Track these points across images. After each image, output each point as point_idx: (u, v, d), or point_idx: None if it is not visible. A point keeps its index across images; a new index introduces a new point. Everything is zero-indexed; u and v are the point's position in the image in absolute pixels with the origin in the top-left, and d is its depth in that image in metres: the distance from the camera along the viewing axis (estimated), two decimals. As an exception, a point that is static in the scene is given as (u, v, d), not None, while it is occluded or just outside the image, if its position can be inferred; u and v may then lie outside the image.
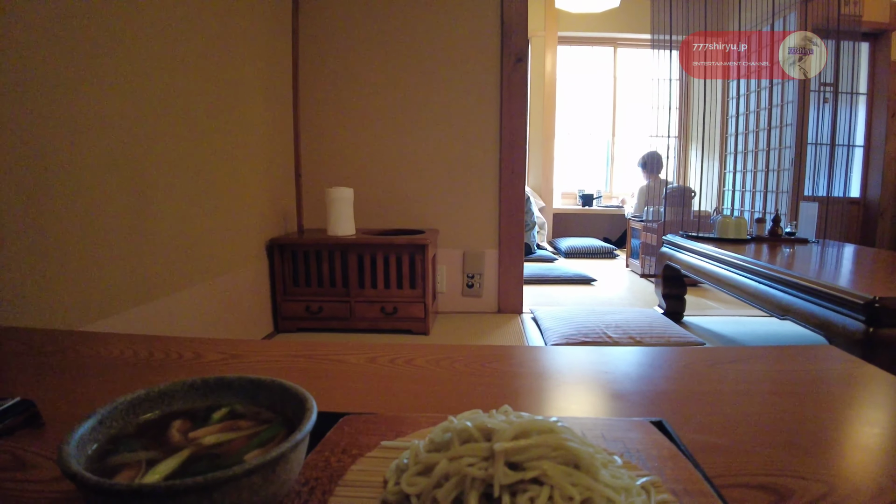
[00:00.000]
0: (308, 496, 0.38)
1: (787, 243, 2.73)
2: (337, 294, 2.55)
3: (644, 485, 0.38)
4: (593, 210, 5.97)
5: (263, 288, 2.49)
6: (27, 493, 0.41)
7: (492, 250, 2.92)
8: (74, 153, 1.29)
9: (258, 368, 0.72)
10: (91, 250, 1.34)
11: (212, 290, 1.96)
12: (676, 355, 0.83)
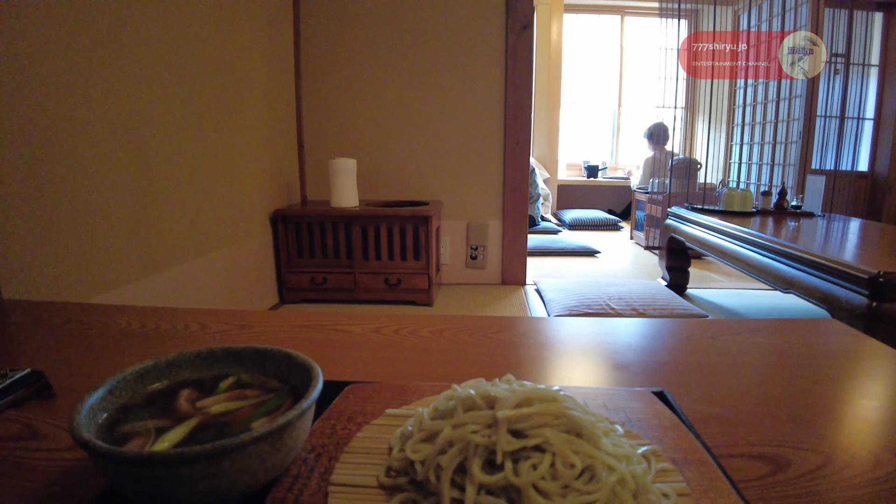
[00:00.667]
0: (314, 463, 0.39)
1: (793, 217, 2.71)
2: (341, 265, 2.56)
3: (645, 453, 0.39)
4: (598, 182, 5.93)
5: (268, 259, 2.50)
6: (40, 462, 0.43)
7: (495, 222, 2.91)
8: (77, 126, 1.28)
9: (264, 339, 0.72)
10: (96, 223, 1.34)
11: (217, 261, 1.97)
12: (679, 327, 0.83)
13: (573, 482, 0.31)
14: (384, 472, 0.37)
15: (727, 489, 0.36)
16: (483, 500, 0.31)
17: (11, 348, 0.69)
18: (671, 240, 2.89)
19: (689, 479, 0.37)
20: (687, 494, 0.35)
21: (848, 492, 0.39)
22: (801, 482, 0.40)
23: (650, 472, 0.37)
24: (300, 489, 0.36)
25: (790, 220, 2.63)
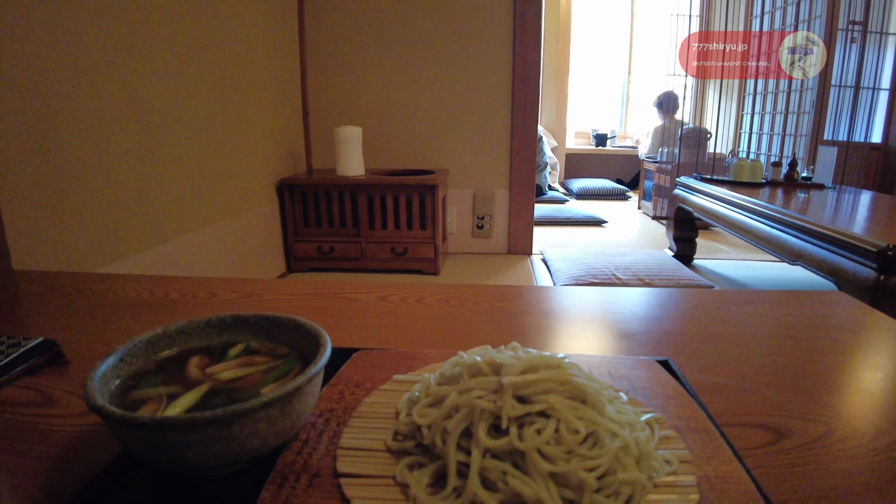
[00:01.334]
0: (323, 427, 0.40)
1: (803, 188, 2.67)
2: (348, 234, 2.56)
3: (648, 421, 0.39)
4: (607, 150, 5.85)
5: (275, 228, 2.50)
6: (56, 427, 0.44)
7: (502, 191, 2.90)
8: (81, 97, 1.27)
9: (272, 306, 0.73)
10: (102, 194, 1.34)
11: (224, 231, 1.97)
12: (685, 297, 0.83)
13: (577, 447, 0.32)
14: (391, 436, 0.38)
15: (729, 456, 0.36)
16: (488, 463, 0.32)
17: (24, 317, 0.70)
18: (679, 210, 2.87)
19: (692, 446, 0.38)
20: (689, 461, 0.36)
21: (848, 461, 0.40)
22: (802, 451, 0.41)
23: (653, 439, 0.37)
24: (309, 452, 0.37)
25: (800, 191, 2.59)
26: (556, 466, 0.31)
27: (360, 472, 0.35)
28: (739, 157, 2.82)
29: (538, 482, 0.30)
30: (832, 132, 3.97)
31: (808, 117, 3.92)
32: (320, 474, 0.35)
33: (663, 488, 0.33)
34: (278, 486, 0.33)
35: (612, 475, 0.32)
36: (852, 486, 0.37)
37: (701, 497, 0.32)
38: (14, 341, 0.54)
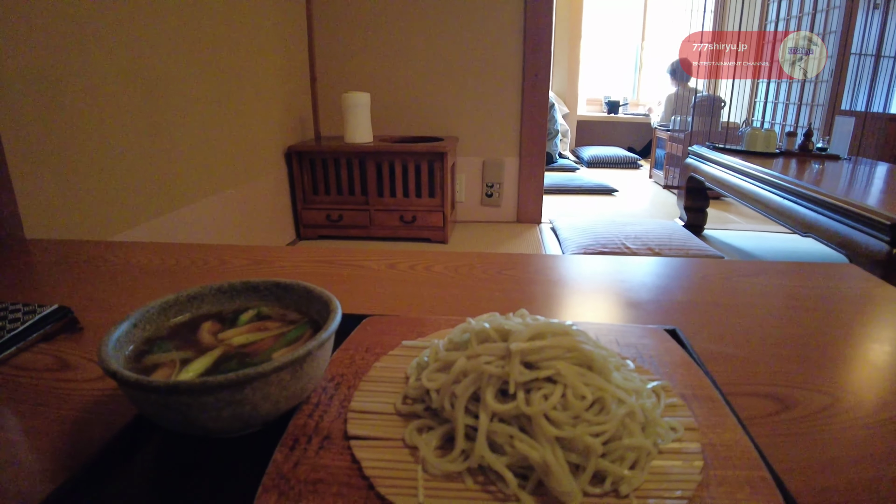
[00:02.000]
0: (334, 391, 0.41)
1: (818, 159, 2.62)
2: (356, 202, 2.56)
3: (654, 388, 0.40)
4: (619, 118, 5.75)
5: (284, 196, 2.50)
6: (73, 392, 0.45)
7: (512, 159, 2.86)
8: (87, 64, 1.26)
9: (282, 273, 0.74)
10: (110, 162, 1.34)
11: (232, 199, 1.98)
12: (694, 267, 0.83)
13: (583, 413, 0.32)
14: (401, 400, 0.39)
15: (734, 425, 0.37)
16: (496, 427, 0.32)
17: (38, 285, 0.71)
18: (691, 179, 2.83)
19: (697, 414, 0.38)
20: (694, 429, 0.36)
21: (852, 432, 0.40)
22: (806, 421, 0.41)
23: (659, 406, 0.38)
24: (321, 415, 0.38)
25: (814, 162, 2.54)
26: (563, 431, 0.31)
27: (370, 435, 0.35)
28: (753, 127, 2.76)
29: (544, 446, 0.31)
30: (850, 102, 3.86)
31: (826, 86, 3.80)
32: (331, 436, 0.35)
33: (668, 454, 0.34)
34: (290, 448, 0.34)
35: (618, 441, 0.32)
36: (855, 456, 0.37)
37: (705, 464, 0.33)
38: (30, 308, 0.55)
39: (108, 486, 0.33)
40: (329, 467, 0.33)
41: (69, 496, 0.31)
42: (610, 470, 0.31)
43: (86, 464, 0.33)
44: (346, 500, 0.30)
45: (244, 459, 0.36)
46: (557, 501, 0.30)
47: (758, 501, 0.30)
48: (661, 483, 0.31)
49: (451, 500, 0.30)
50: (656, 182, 4.41)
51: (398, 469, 0.32)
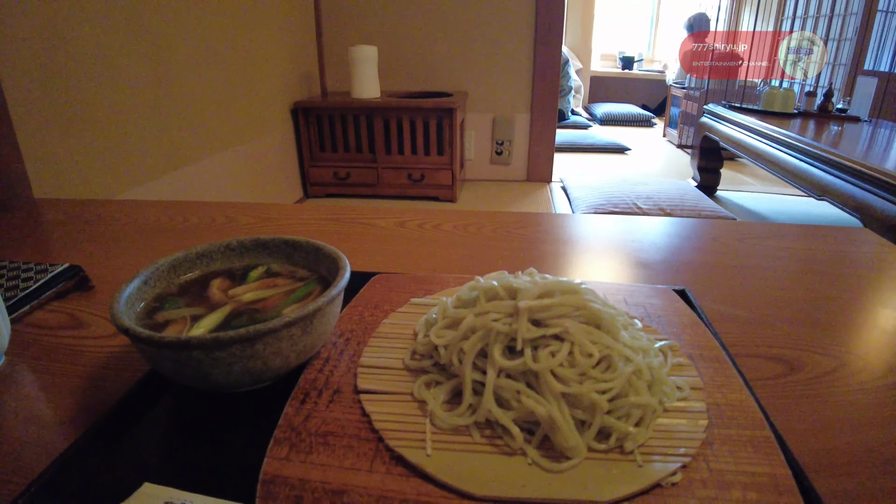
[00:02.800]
0: (344, 346, 0.41)
1: (837, 121, 2.54)
2: (364, 160, 2.54)
3: (662, 348, 0.40)
4: (633, 74, 5.60)
5: (290, 154, 2.48)
6: (87, 349, 0.46)
7: (523, 115, 2.81)
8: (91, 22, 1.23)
9: (290, 231, 0.74)
10: (116, 120, 1.33)
11: (239, 156, 1.96)
12: (705, 228, 0.82)
13: (590, 370, 0.32)
14: (409, 356, 0.39)
15: (739, 386, 0.37)
16: (503, 382, 0.33)
17: (48, 244, 0.72)
18: (705, 139, 2.77)
19: (704, 374, 0.38)
20: (700, 388, 0.36)
21: (856, 395, 0.40)
22: (812, 384, 0.42)
23: (666, 366, 0.38)
24: (331, 370, 0.38)
25: (833, 123, 2.47)
26: (569, 388, 0.31)
27: (379, 389, 0.36)
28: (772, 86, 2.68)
29: (551, 402, 0.31)
30: (874, 62, 3.69)
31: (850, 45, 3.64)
32: (341, 390, 0.36)
33: (673, 413, 0.34)
34: (301, 402, 0.35)
35: (624, 398, 0.32)
36: (859, 418, 0.37)
37: (709, 422, 0.33)
38: (41, 267, 0.56)
39: (125, 439, 0.34)
40: (339, 420, 0.33)
41: (88, 448, 0.32)
42: (615, 426, 0.31)
43: (102, 418, 0.34)
44: (356, 452, 0.31)
45: (256, 413, 0.36)
46: (562, 456, 0.30)
47: (760, 460, 0.30)
48: (666, 441, 0.32)
49: (458, 453, 0.31)
50: (670, 141, 4.33)
51: (407, 422, 0.33)
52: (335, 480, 0.29)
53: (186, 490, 0.29)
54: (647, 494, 0.28)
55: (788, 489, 0.28)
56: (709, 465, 0.30)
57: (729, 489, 0.28)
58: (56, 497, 0.29)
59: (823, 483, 0.31)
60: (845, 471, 0.33)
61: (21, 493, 0.28)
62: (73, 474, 0.30)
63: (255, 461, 0.30)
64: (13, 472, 0.32)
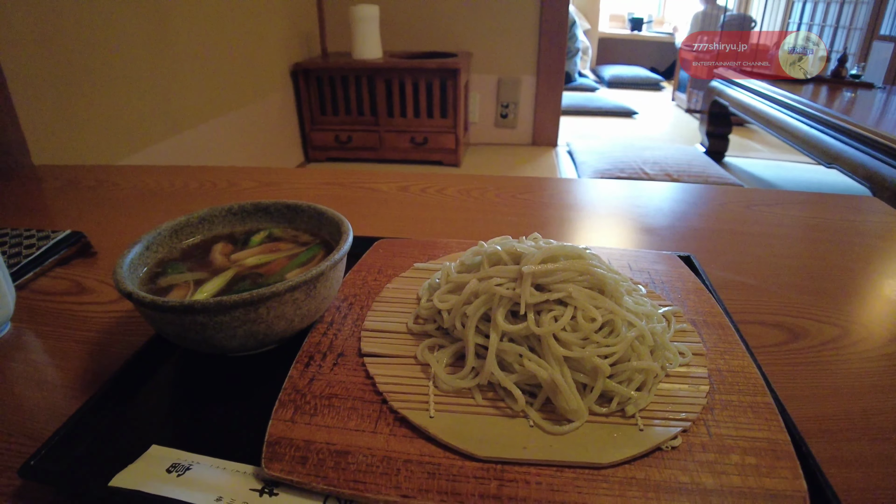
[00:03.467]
0: (347, 310, 0.41)
1: (850, 87, 2.48)
2: (365, 123, 2.50)
3: (665, 313, 0.40)
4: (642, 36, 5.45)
5: (291, 117, 2.45)
6: (92, 314, 0.46)
7: (529, 77, 2.75)
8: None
9: (292, 195, 0.73)
10: (114, 85, 1.30)
11: (239, 120, 1.94)
12: (712, 194, 0.81)
13: (593, 335, 0.32)
14: (413, 320, 0.39)
15: (742, 352, 0.37)
16: (505, 346, 0.33)
17: (49, 211, 0.71)
18: (714, 104, 2.72)
19: (707, 340, 0.38)
20: (702, 354, 0.36)
21: (858, 363, 0.40)
22: (814, 351, 0.42)
23: (669, 331, 0.38)
24: (335, 334, 0.38)
25: (846, 90, 2.41)
26: (571, 352, 0.31)
27: (382, 353, 0.36)
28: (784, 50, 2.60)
29: (553, 366, 0.31)
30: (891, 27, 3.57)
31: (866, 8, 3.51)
32: (345, 354, 0.36)
33: (675, 378, 0.34)
34: (305, 365, 0.35)
35: (626, 363, 0.32)
36: (859, 386, 0.38)
37: (711, 388, 0.33)
38: (43, 234, 0.56)
39: (132, 403, 0.35)
40: (344, 383, 0.34)
41: (95, 412, 0.32)
42: (617, 391, 0.32)
43: (109, 382, 0.34)
44: (360, 414, 0.31)
45: (261, 376, 0.37)
46: (564, 419, 0.31)
47: (759, 426, 0.31)
48: (667, 405, 0.32)
49: (460, 414, 0.31)
50: (678, 105, 4.25)
51: (410, 385, 0.33)
52: (340, 441, 0.29)
53: (193, 452, 0.30)
54: (648, 457, 0.29)
55: (787, 454, 0.29)
56: (709, 430, 0.30)
57: (728, 453, 0.29)
58: (67, 459, 0.30)
59: (821, 449, 0.31)
60: (843, 437, 0.33)
61: (32, 455, 0.28)
62: (83, 437, 0.31)
63: (261, 423, 0.31)
64: (24, 435, 0.33)
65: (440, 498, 0.26)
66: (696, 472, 0.28)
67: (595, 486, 0.27)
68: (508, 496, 0.27)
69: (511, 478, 0.28)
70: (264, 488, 0.28)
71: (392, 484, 0.27)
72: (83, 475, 0.29)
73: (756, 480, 0.27)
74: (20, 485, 0.29)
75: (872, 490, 0.29)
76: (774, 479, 0.27)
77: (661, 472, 0.28)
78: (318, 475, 0.27)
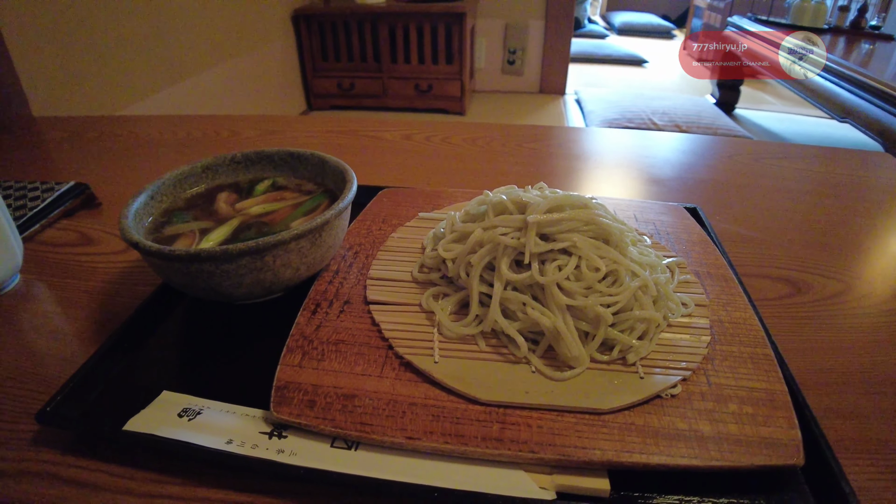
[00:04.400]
0: (353, 259, 0.41)
1: (869, 38, 2.38)
2: (369, 70, 2.44)
3: (669, 264, 0.40)
4: (656, -21, 5.22)
5: (293, 64, 2.38)
6: (99, 264, 0.46)
7: (537, 22, 2.65)
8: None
9: (295, 144, 0.72)
10: (112, 33, 1.27)
11: (240, 68, 1.89)
12: (721, 146, 0.79)
13: (596, 284, 0.33)
14: (417, 269, 0.39)
15: (744, 304, 0.37)
16: (509, 295, 0.33)
17: (51, 162, 0.71)
18: (727, 52, 2.63)
19: (710, 291, 0.38)
20: (705, 305, 0.37)
21: (859, 319, 0.40)
22: (816, 306, 0.42)
23: (672, 282, 0.38)
24: (340, 282, 0.39)
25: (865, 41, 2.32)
26: (575, 301, 0.32)
27: (388, 301, 0.37)
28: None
29: (556, 314, 0.32)
30: None
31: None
32: (351, 301, 0.37)
33: (677, 328, 0.35)
34: (312, 312, 0.36)
35: (629, 312, 0.33)
36: (859, 341, 0.38)
37: (712, 339, 0.34)
38: (47, 186, 0.55)
39: (142, 350, 0.35)
40: (350, 329, 0.34)
41: (107, 360, 0.33)
42: (618, 339, 0.32)
43: (119, 330, 0.35)
44: (366, 359, 0.32)
45: (268, 324, 0.37)
46: (565, 366, 0.31)
47: (758, 376, 0.31)
48: (668, 355, 0.32)
49: (464, 360, 0.32)
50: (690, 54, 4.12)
51: (415, 332, 0.34)
52: (347, 385, 0.30)
53: (203, 397, 0.31)
54: (647, 405, 0.29)
55: (783, 404, 0.29)
56: (709, 380, 0.31)
57: (726, 402, 0.29)
58: (81, 405, 0.31)
59: (818, 400, 0.32)
60: (840, 390, 0.33)
61: (48, 401, 0.29)
62: (95, 384, 0.32)
63: (269, 369, 0.31)
64: (38, 383, 0.34)
65: (444, 440, 0.27)
66: (695, 420, 0.28)
67: (595, 431, 0.28)
68: (510, 438, 0.27)
69: (513, 421, 0.28)
70: (273, 431, 0.29)
71: (398, 426, 0.28)
72: (98, 420, 0.30)
73: (752, 429, 0.28)
74: (37, 430, 0.30)
75: (865, 441, 0.30)
76: (770, 428, 0.28)
77: (660, 419, 0.28)
78: (326, 418, 0.28)
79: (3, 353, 0.36)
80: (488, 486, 0.26)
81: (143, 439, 0.28)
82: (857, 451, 0.29)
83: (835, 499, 0.25)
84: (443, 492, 0.25)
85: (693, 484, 0.27)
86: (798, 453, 0.27)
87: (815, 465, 0.27)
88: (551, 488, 0.26)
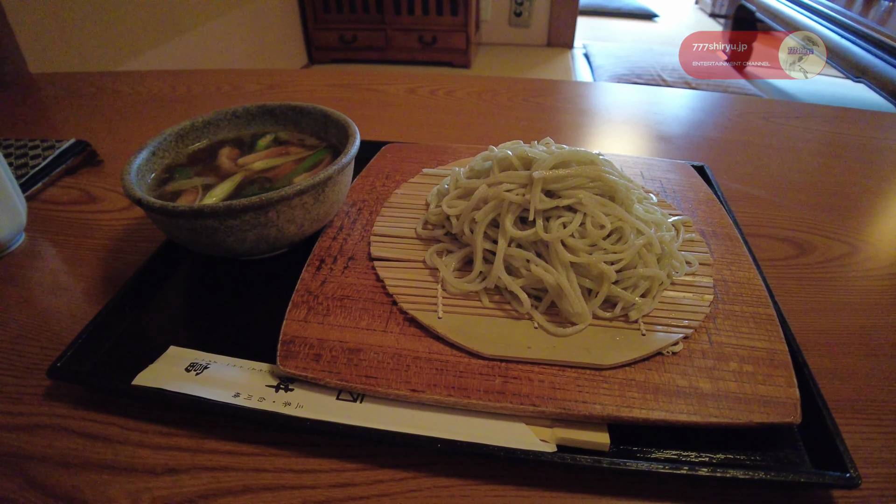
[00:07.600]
0: (356, 216, 0.41)
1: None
2: (371, 21, 2.37)
3: (675, 222, 0.40)
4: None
5: (293, 15, 2.31)
6: (103, 222, 0.46)
7: (545, -27, 2.56)
8: None
9: (297, 98, 0.71)
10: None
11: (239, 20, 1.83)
12: (731, 104, 0.78)
13: (601, 241, 0.32)
14: (421, 225, 0.39)
15: (748, 264, 0.37)
16: (513, 251, 0.33)
17: (51, 120, 0.69)
18: (740, 8, 2.54)
19: (715, 251, 0.38)
20: (709, 264, 0.37)
21: (863, 281, 0.40)
22: (820, 267, 0.42)
23: (677, 240, 0.38)
24: (344, 238, 0.39)
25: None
26: (579, 258, 0.32)
27: (392, 257, 0.37)
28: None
29: (559, 270, 0.32)
30: None
31: None
32: (355, 257, 0.37)
33: (681, 286, 0.35)
34: (317, 268, 0.36)
35: (632, 269, 0.33)
36: (861, 303, 0.38)
37: (715, 298, 0.34)
38: (48, 144, 0.55)
39: (149, 306, 0.36)
40: (354, 285, 0.34)
41: (114, 315, 0.34)
42: (621, 296, 0.32)
43: (125, 286, 0.35)
44: (371, 314, 0.32)
45: (273, 279, 0.38)
46: (568, 322, 0.32)
47: (759, 336, 0.31)
48: (671, 312, 0.33)
49: (467, 316, 0.32)
50: (702, 9, 3.98)
51: (419, 287, 0.34)
52: (352, 339, 0.31)
53: (210, 352, 0.31)
54: (648, 361, 0.30)
55: (783, 364, 0.30)
56: (710, 338, 0.31)
57: (727, 360, 0.30)
58: (91, 360, 0.31)
59: (817, 361, 0.32)
60: (839, 350, 0.34)
61: (59, 356, 0.30)
62: (104, 339, 0.32)
63: (274, 324, 0.32)
64: (47, 339, 0.34)
65: (447, 392, 0.28)
66: (695, 377, 0.29)
67: (595, 386, 0.28)
68: (512, 392, 0.28)
69: (515, 375, 0.29)
70: (279, 384, 0.29)
71: (402, 379, 0.28)
72: (107, 375, 0.31)
73: (752, 387, 0.28)
74: (49, 385, 0.31)
75: (862, 401, 0.31)
76: (769, 387, 0.28)
77: (661, 376, 0.29)
78: (332, 371, 0.29)
79: (13, 310, 0.37)
80: (490, 437, 0.26)
81: (153, 393, 0.28)
82: (852, 411, 0.30)
83: (829, 457, 0.26)
84: (446, 443, 0.26)
85: (691, 440, 0.27)
86: (795, 412, 0.27)
87: (811, 424, 0.27)
88: (552, 441, 0.27)
